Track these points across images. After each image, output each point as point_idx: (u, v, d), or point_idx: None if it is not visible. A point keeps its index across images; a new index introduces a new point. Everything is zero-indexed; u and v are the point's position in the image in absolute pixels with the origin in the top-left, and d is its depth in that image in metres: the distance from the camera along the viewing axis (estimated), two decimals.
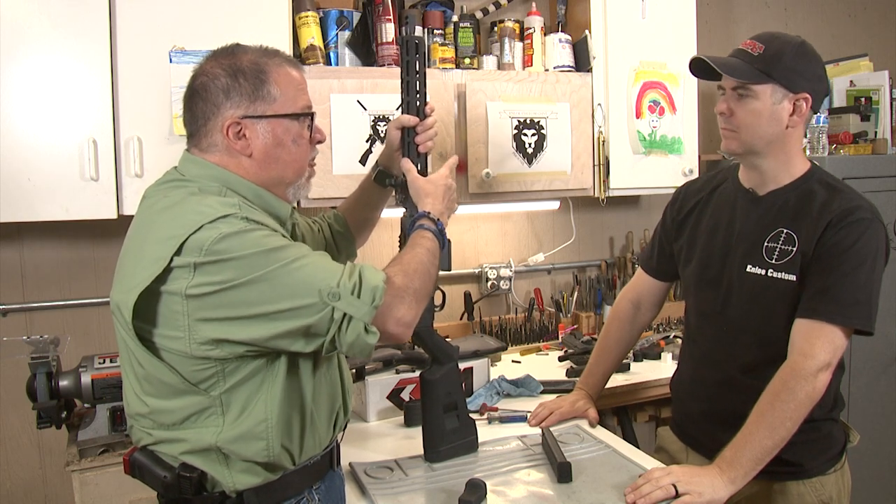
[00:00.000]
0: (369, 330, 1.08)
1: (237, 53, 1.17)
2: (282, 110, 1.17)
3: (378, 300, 1.08)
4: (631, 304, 1.81)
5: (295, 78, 1.20)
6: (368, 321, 1.08)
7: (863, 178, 2.39)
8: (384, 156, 1.55)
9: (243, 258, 1.03)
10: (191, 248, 1.02)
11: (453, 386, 1.55)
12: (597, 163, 2.37)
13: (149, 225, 1.10)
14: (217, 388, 1.09)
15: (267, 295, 1.04)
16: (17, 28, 1.72)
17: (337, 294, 1.06)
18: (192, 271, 1.02)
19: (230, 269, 1.02)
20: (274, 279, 1.04)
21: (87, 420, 1.77)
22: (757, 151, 1.47)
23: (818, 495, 1.49)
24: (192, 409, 1.10)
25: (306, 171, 1.25)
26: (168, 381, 1.09)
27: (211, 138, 1.16)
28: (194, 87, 1.16)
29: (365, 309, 1.07)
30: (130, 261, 1.09)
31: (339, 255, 1.60)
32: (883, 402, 2.57)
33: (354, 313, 1.07)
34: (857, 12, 3.34)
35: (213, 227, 1.03)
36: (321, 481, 1.25)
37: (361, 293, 1.08)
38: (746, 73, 1.41)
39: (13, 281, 2.09)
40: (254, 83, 1.15)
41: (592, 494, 1.36)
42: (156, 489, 1.15)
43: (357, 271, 1.10)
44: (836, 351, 1.37)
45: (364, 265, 1.12)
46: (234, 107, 1.14)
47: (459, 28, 2.30)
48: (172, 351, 1.07)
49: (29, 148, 1.76)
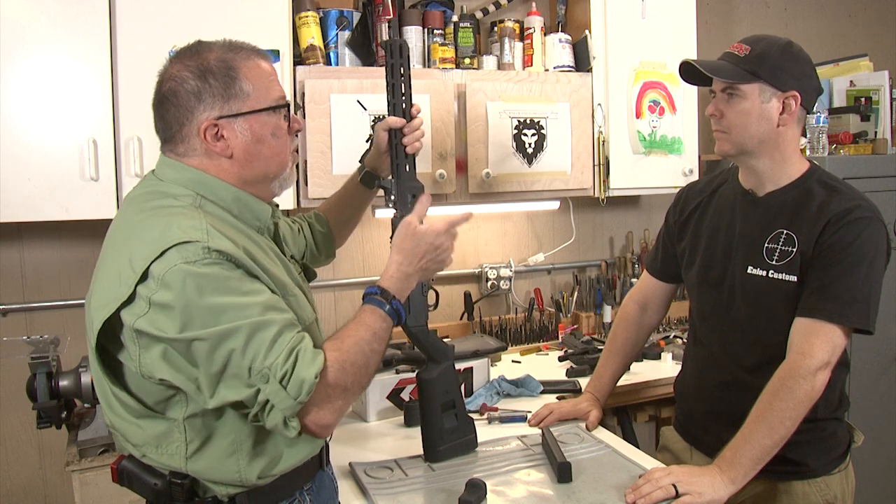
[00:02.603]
0: (288, 424, 1.03)
1: (202, 52, 1.12)
2: (257, 105, 1.13)
3: (304, 396, 1.01)
4: (637, 306, 1.81)
5: (265, 69, 1.15)
6: (290, 416, 1.02)
7: (863, 178, 2.39)
8: (371, 157, 1.55)
9: (189, 309, 0.98)
10: (151, 278, 0.99)
11: (450, 385, 1.55)
12: (597, 163, 2.37)
13: (122, 236, 1.07)
14: (178, 411, 1.06)
15: (204, 355, 1.00)
16: (17, 28, 1.72)
17: (266, 376, 1.00)
18: (147, 306, 0.99)
19: (175, 319, 0.98)
20: (213, 341, 0.99)
21: (87, 420, 1.77)
22: (749, 152, 1.48)
23: (823, 495, 1.49)
24: (154, 432, 1.07)
25: (289, 163, 1.20)
26: (129, 403, 1.07)
27: (188, 143, 1.12)
28: (163, 94, 1.11)
29: (288, 402, 1.01)
30: (103, 272, 1.07)
31: (319, 255, 1.59)
32: (883, 402, 2.57)
33: (277, 403, 1.01)
34: (857, 12, 3.34)
35: (172, 256, 0.99)
36: (311, 482, 1.24)
37: (289, 385, 1.01)
38: (733, 74, 1.43)
39: (13, 281, 2.09)
40: (224, 82, 1.10)
41: (592, 494, 1.36)
42: (146, 497, 1.13)
43: (294, 355, 1.02)
44: (834, 350, 1.37)
45: (303, 348, 1.04)
46: (207, 109, 1.10)
47: (459, 28, 2.30)
48: (131, 374, 1.05)
49: (29, 148, 1.76)
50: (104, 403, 1.12)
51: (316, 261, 1.60)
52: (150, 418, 1.07)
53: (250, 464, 1.10)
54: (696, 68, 1.45)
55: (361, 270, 2.48)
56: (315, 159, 2.01)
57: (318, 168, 2.02)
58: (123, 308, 1.00)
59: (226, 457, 1.09)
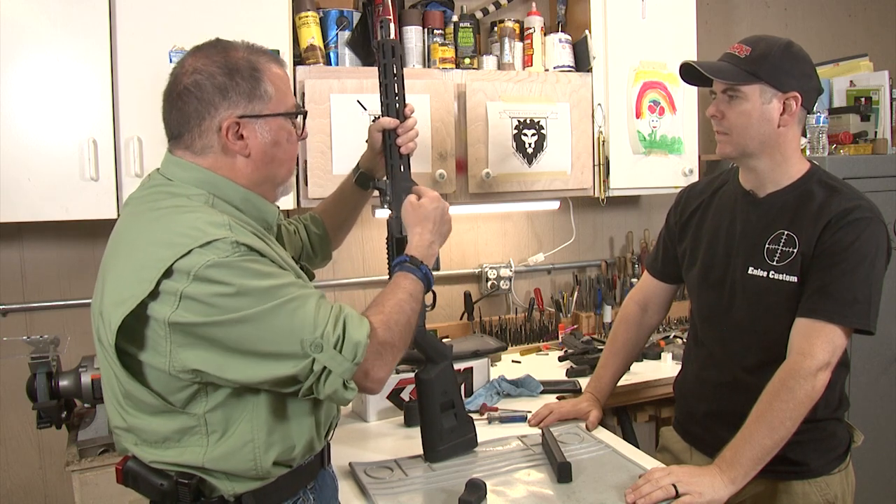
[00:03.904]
0: (348, 386, 1.06)
1: (228, 50, 1.12)
2: (277, 109, 1.15)
3: (360, 357, 1.06)
4: (638, 307, 1.81)
5: (283, 76, 1.18)
6: (348, 378, 1.06)
7: (863, 178, 2.39)
8: (366, 158, 1.56)
9: (228, 295, 0.99)
10: (179, 274, 0.99)
11: (449, 385, 1.55)
12: (597, 163, 2.37)
13: (136, 236, 1.07)
14: (200, 407, 1.07)
15: (249, 337, 1.01)
16: (16, 28, 1.72)
17: (319, 346, 1.03)
18: (177, 300, 0.99)
19: (215, 305, 0.99)
20: (257, 321, 1.01)
21: (87, 420, 1.77)
22: (751, 153, 1.48)
23: (823, 495, 1.49)
24: (174, 428, 1.07)
25: (294, 170, 1.23)
26: (148, 400, 1.06)
27: (205, 139, 1.12)
28: (185, 86, 1.10)
29: (346, 366, 1.05)
30: (115, 273, 1.06)
31: (314, 256, 1.60)
32: (883, 402, 2.57)
33: (335, 369, 1.04)
34: (857, 12, 3.34)
35: (201, 253, 0.99)
36: (314, 480, 1.25)
37: (344, 349, 1.05)
38: (734, 75, 1.43)
39: (13, 281, 2.09)
40: (250, 82, 1.11)
41: (592, 494, 1.36)
42: (151, 498, 1.12)
43: (342, 321, 1.06)
44: (835, 350, 1.37)
45: (349, 314, 1.09)
46: (231, 107, 1.10)
47: (459, 28, 2.30)
48: (154, 371, 1.05)
49: (29, 148, 1.75)
50: (114, 404, 1.11)
51: (311, 262, 1.60)
52: (169, 414, 1.07)
53: (266, 452, 1.11)
54: (697, 69, 1.45)
55: (361, 270, 2.48)
56: (315, 159, 2.01)
57: (318, 168, 2.02)
58: (148, 305, 1.00)
59: (243, 446, 1.09)
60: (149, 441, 1.10)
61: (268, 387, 1.06)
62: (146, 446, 1.10)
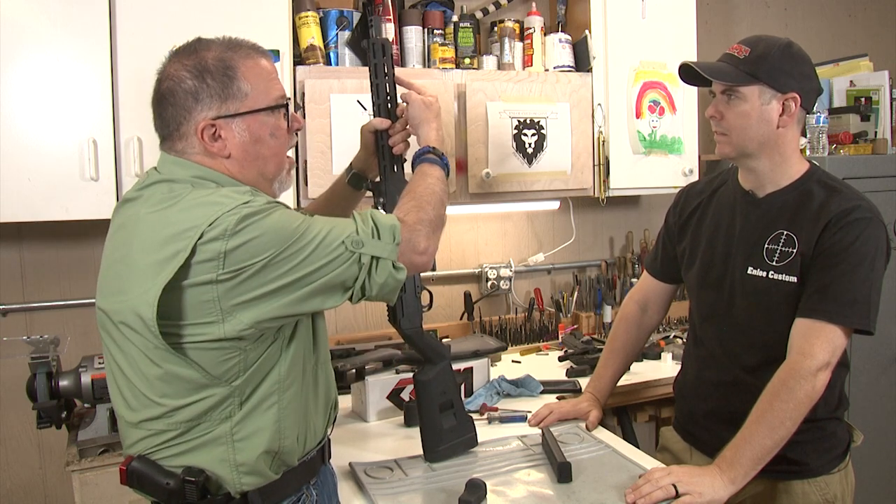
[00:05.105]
0: (397, 266, 1.14)
1: (200, 51, 1.12)
2: (255, 105, 1.13)
3: (398, 238, 1.14)
4: (637, 307, 1.81)
5: (265, 68, 1.15)
6: (395, 258, 1.14)
7: (863, 178, 2.39)
8: (358, 159, 1.55)
9: (267, 235, 1.03)
10: (214, 237, 1.00)
11: (447, 385, 1.55)
12: (597, 163, 2.37)
13: (150, 226, 1.06)
14: (238, 378, 1.09)
15: (297, 262, 1.06)
16: (16, 28, 1.72)
17: (360, 241, 1.11)
18: (221, 259, 1.01)
19: (259, 250, 1.02)
20: (300, 247, 1.06)
21: (87, 420, 1.77)
22: (750, 153, 1.47)
23: (823, 494, 1.49)
24: (211, 402, 1.08)
25: (286, 163, 1.22)
26: (188, 376, 1.06)
27: (186, 142, 1.12)
28: (161, 93, 1.11)
29: (389, 248, 1.13)
30: (130, 266, 1.05)
31: None
32: (883, 402, 2.57)
33: (380, 254, 1.12)
34: (857, 12, 3.34)
35: (230, 216, 1.02)
36: (316, 476, 1.26)
37: (381, 235, 1.13)
38: (733, 76, 1.43)
39: (13, 281, 2.09)
40: (222, 81, 1.10)
41: (592, 494, 1.36)
42: (157, 497, 1.11)
43: (369, 217, 1.15)
44: (835, 350, 1.37)
45: (372, 211, 1.17)
46: (205, 109, 1.10)
47: (459, 28, 2.30)
48: (199, 342, 1.04)
49: (29, 148, 1.75)
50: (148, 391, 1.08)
51: None
52: (209, 388, 1.07)
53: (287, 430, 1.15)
54: (696, 70, 1.44)
55: None
56: (315, 159, 2.01)
57: (318, 168, 2.02)
58: (188, 275, 1.01)
59: (268, 425, 1.12)
60: (180, 422, 1.08)
61: (322, 303, 1.11)
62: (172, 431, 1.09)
